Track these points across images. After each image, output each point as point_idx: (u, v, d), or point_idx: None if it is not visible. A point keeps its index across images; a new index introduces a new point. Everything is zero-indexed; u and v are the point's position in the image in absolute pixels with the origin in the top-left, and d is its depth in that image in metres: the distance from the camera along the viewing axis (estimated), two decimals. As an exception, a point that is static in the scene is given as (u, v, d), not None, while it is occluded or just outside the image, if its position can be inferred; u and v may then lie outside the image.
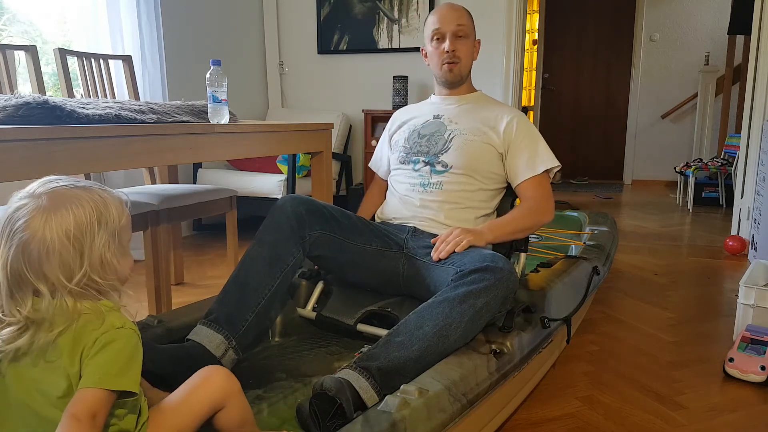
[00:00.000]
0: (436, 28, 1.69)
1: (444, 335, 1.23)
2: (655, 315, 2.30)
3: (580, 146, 6.76)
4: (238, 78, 4.19)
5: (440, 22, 1.69)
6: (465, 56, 1.72)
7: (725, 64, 5.51)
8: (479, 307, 1.26)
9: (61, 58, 2.43)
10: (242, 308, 1.37)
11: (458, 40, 1.69)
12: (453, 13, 1.69)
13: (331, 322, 1.62)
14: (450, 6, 1.72)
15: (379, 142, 1.93)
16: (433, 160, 1.67)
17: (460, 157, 1.64)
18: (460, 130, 1.69)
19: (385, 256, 1.56)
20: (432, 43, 1.72)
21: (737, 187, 3.48)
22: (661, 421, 1.51)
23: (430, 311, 1.27)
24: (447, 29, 1.68)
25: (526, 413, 1.54)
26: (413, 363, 1.20)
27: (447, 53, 1.68)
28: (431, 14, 1.73)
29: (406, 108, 1.92)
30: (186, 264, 3.02)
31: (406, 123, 1.82)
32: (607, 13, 6.43)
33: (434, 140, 1.69)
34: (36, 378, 0.82)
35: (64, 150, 1.26)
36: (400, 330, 1.26)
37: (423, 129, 1.74)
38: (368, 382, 1.15)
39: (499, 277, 1.29)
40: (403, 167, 1.73)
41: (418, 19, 4.22)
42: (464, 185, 1.64)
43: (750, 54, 3.29)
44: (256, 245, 1.45)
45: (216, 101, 1.76)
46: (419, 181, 1.66)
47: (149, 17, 3.24)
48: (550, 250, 2.37)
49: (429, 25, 1.72)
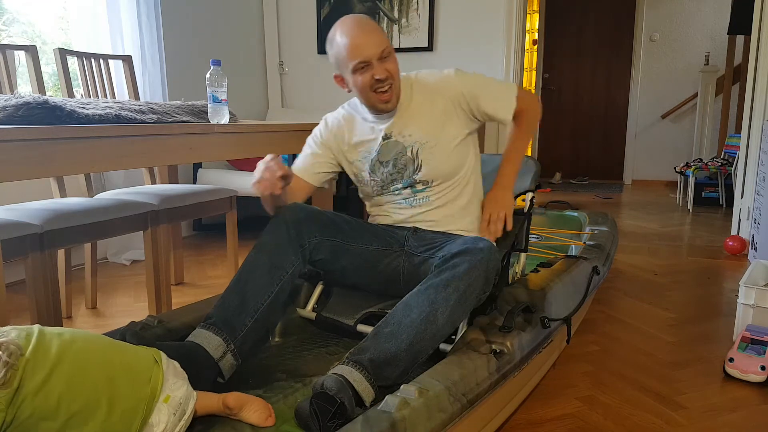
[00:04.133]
0: (359, 60, 1.44)
1: (431, 321, 1.26)
2: (655, 315, 2.30)
3: (580, 146, 6.76)
4: (238, 78, 4.19)
5: (361, 52, 1.44)
6: (397, 76, 1.50)
7: (725, 64, 5.51)
8: (463, 289, 1.29)
9: (61, 58, 2.43)
10: (241, 314, 1.36)
11: (385, 62, 1.46)
12: (372, 37, 1.45)
13: (331, 322, 1.62)
14: (363, 29, 1.45)
15: (308, 147, 1.68)
16: (410, 182, 1.58)
17: (435, 169, 1.56)
18: (418, 140, 1.55)
19: (386, 256, 1.56)
20: (355, 76, 1.47)
21: (737, 187, 3.48)
22: (661, 421, 1.51)
23: (415, 299, 1.29)
24: (371, 56, 1.44)
25: (526, 413, 1.54)
26: (404, 352, 1.22)
27: (380, 82, 1.46)
28: (342, 37, 1.45)
29: (338, 123, 1.66)
30: (186, 264, 3.03)
31: (356, 148, 1.63)
32: (607, 13, 6.43)
33: (401, 163, 1.57)
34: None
35: (64, 150, 1.26)
36: (388, 321, 1.28)
37: (381, 156, 1.58)
38: (361, 375, 1.17)
39: (479, 257, 1.32)
40: (384, 193, 1.64)
41: (418, 19, 4.23)
42: (450, 191, 1.59)
43: (750, 54, 3.29)
44: (255, 252, 1.45)
45: (216, 101, 1.76)
46: (404, 200, 1.61)
47: (149, 17, 3.24)
48: (550, 250, 2.37)
49: (346, 54, 1.45)
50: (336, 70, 1.54)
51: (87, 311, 2.38)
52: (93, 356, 0.97)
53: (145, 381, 1.01)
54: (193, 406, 1.07)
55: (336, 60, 1.50)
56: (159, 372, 1.04)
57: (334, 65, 1.53)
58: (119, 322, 2.22)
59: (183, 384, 1.07)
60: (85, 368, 0.95)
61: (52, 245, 1.83)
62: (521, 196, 1.74)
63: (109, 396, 0.96)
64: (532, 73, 6.50)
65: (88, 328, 2.20)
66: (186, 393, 1.06)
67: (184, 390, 1.06)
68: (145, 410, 0.99)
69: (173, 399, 1.03)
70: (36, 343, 0.92)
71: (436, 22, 4.25)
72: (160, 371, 1.04)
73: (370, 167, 1.61)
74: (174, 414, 1.02)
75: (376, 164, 1.60)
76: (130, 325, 1.36)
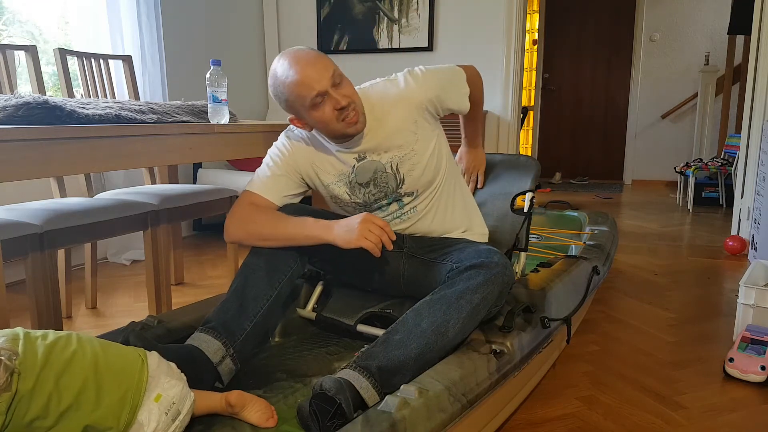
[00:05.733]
0: (315, 94, 1.33)
1: (442, 332, 1.24)
2: (655, 315, 2.30)
3: (580, 146, 6.76)
4: (238, 78, 4.19)
5: (314, 85, 1.33)
6: (356, 97, 1.40)
7: (725, 64, 5.51)
8: (476, 303, 1.27)
9: (61, 58, 2.43)
10: (241, 318, 1.36)
11: (340, 87, 1.36)
12: (317, 65, 1.34)
13: (331, 322, 1.62)
14: (307, 61, 1.34)
15: (270, 169, 1.51)
16: (396, 197, 1.52)
17: (418, 179, 1.49)
18: (396, 155, 1.48)
19: (385, 257, 1.55)
20: (314, 112, 1.36)
21: (737, 187, 3.48)
22: (661, 421, 1.51)
23: (427, 308, 1.28)
24: (326, 86, 1.33)
25: (526, 413, 1.54)
26: (413, 361, 1.21)
27: (343, 110, 1.36)
28: (287, 77, 1.34)
29: (306, 147, 1.52)
30: (186, 264, 3.03)
31: (328, 173, 1.52)
32: (607, 13, 6.43)
33: (383, 181, 1.49)
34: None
35: (64, 150, 1.26)
36: (398, 328, 1.26)
37: (359, 178, 1.49)
38: (368, 382, 1.16)
39: (495, 272, 1.30)
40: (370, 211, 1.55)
41: (418, 19, 4.23)
42: (436, 195, 1.54)
43: (750, 54, 3.29)
44: (253, 255, 1.44)
45: (216, 101, 1.76)
46: (393, 215, 1.54)
47: (149, 17, 3.24)
48: (550, 250, 2.37)
49: (299, 92, 1.34)
50: (290, 113, 1.42)
51: (87, 311, 2.38)
52: (77, 356, 0.98)
53: (129, 375, 1.02)
54: (189, 406, 1.07)
55: (287, 103, 1.38)
56: (144, 369, 1.04)
57: (287, 109, 1.41)
58: (119, 322, 2.22)
59: (177, 384, 1.06)
60: (71, 367, 0.96)
61: (52, 245, 1.83)
62: (521, 195, 1.74)
63: (96, 391, 0.97)
64: (532, 73, 6.50)
65: (88, 328, 2.20)
66: (181, 393, 1.06)
67: (179, 390, 1.06)
68: (131, 403, 0.99)
69: (165, 398, 1.02)
70: (23, 346, 0.93)
71: (436, 22, 4.26)
72: (145, 368, 1.04)
73: (349, 189, 1.51)
74: (166, 413, 1.02)
75: (355, 186, 1.50)
76: (130, 325, 1.36)
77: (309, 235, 1.38)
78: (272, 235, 1.41)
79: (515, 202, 1.74)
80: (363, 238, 1.29)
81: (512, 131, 4.29)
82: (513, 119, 4.26)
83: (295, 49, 1.38)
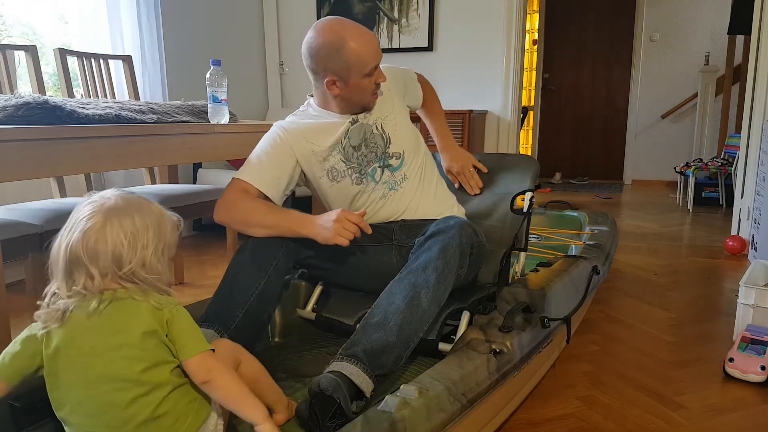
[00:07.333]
0: (374, 65, 1.50)
1: (416, 304, 1.28)
2: (655, 315, 2.30)
3: (580, 146, 6.76)
4: (238, 78, 4.19)
5: (374, 57, 1.50)
6: None
7: (725, 64, 5.50)
8: (441, 268, 1.32)
9: (61, 58, 2.43)
10: (231, 306, 1.39)
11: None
12: (377, 44, 1.53)
13: (330, 322, 1.62)
14: (370, 35, 1.52)
15: (268, 157, 1.54)
16: (384, 158, 1.59)
17: (402, 138, 1.61)
18: (379, 117, 1.61)
19: (377, 252, 1.56)
20: (364, 79, 1.50)
21: (737, 187, 3.48)
22: (661, 421, 1.51)
23: (397, 286, 1.32)
24: (379, 62, 1.54)
25: (526, 413, 1.54)
26: (395, 338, 1.24)
27: (377, 85, 1.55)
28: (356, 44, 1.47)
29: (297, 125, 1.60)
30: (186, 264, 3.02)
31: (325, 142, 1.57)
32: (607, 13, 6.43)
33: (372, 142, 1.58)
34: (102, 368, 0.92)
35: (64, 150, 1.26)
36: (375, 312, 1.30)
37: (352, 140, 1.57)
38: (357, 367, 1.18)
39: (451, 234, 1.36)
40: (363, 188, 1.59)
41: (418, 19, 4.23)
42: (422, 164, 1.65)
43: (750, 54, 3.29)
44: (238, 253, 1.48)
45: (216, 101, 1.77)
46: (386, 187, 1.59)
47: (149, 17, 3.24)
48: (550, 250, 2.37)
49: (365, 60, 1.48)
50: (333, 75, 1.49)
51: (87, 311, 2.38)
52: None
53: None
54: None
55: (344, 63, 1.46)
56: None
57: (339, 70, 1.48)
58: (119, 322, 2.21)
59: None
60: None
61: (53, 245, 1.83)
62: (521, 195, 1.74)
63: None
64: (532, 73, 6.50)
65: (88, 328, 2.19)
66: None
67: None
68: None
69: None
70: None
71: (436, 22, 4.26)
72: None
73: (344, 156, 1.57)
74: None
75: (348, 149, 1.58)
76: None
77: (291, 228, 1.43)
78: (258, 222, 1.45)
79: (515, 202, 1.74)
80: (337, 235, 1.36)
81: (512, 131, 4.29)
82: (513, 119, 4.27)
83: (352, 22, 1.53)
